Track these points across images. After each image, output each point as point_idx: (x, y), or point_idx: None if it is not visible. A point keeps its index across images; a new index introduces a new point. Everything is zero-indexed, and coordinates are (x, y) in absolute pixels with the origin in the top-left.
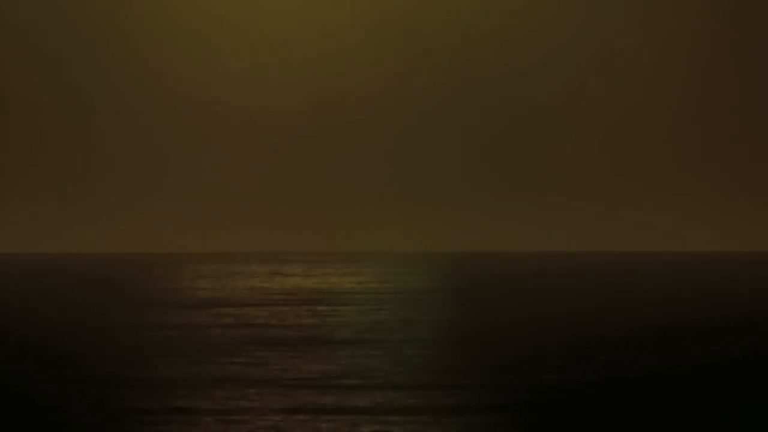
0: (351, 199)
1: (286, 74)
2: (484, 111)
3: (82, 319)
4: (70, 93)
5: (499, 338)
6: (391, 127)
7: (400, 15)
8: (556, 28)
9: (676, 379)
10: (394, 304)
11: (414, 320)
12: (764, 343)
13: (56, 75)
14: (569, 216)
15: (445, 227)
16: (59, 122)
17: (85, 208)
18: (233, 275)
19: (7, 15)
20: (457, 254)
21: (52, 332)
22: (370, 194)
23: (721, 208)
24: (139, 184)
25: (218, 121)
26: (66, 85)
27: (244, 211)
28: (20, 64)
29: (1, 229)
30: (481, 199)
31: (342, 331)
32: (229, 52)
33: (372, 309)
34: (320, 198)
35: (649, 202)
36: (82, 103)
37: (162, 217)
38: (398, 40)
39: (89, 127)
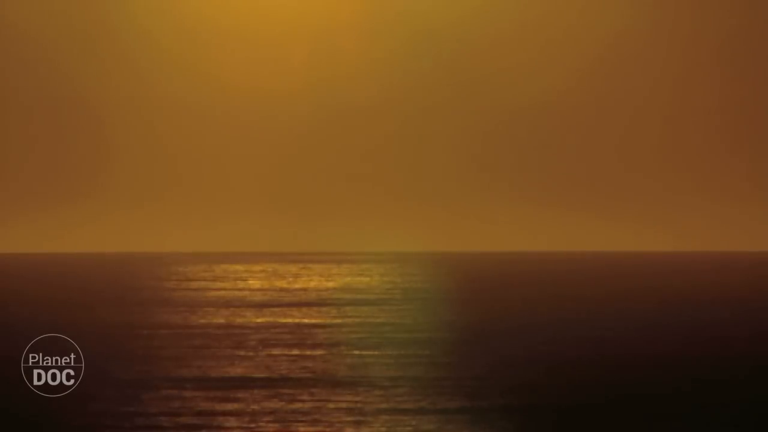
0: (349, 199)
1: (286, 76)
2: (483, 112)
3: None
4: (70, 93)
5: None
6: (388, 127)
7: (392, 17)
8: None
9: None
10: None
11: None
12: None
13: (57, 75)
14: (565, 216)
15: (443, 227)
16: (60, 122)
17: (84, 208)
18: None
19: (4, 14)
20: (457, 255)
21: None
22: (369, 195)
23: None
24: (138, 183)
25: (217, 122)
26: (66, 86)
27: (241, 212)
28: (18, 64)
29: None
30: (476, 199)
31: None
32: (229, 53)
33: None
34: (318, 198)
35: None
36: (81, 102)
37: (161, 217)
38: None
39: (88, 126)
